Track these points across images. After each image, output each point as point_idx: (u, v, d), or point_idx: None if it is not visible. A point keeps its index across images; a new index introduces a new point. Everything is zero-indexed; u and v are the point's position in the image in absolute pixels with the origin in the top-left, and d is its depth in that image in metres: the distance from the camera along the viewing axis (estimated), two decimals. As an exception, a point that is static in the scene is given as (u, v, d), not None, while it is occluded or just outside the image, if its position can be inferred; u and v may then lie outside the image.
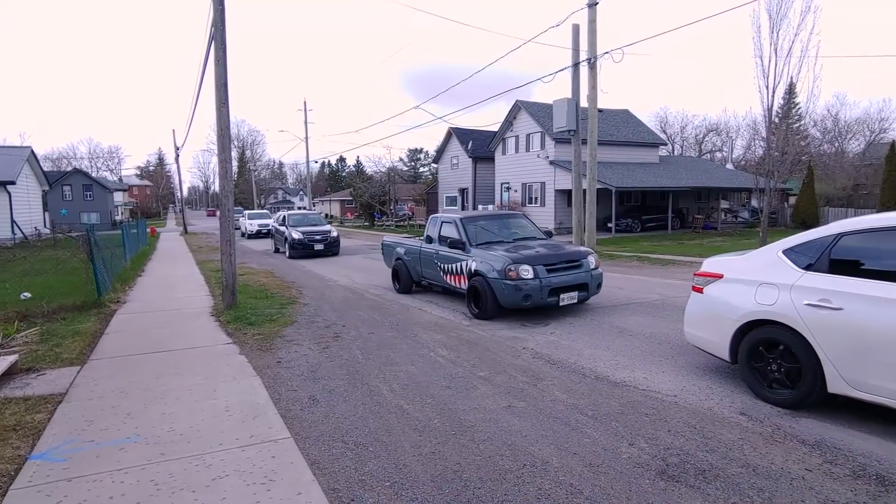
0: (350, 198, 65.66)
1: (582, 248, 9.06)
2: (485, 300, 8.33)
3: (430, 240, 10.34)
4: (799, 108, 33.24)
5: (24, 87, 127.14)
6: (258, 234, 31.37)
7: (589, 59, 14.05)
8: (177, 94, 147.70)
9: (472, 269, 8.66)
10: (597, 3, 13.64)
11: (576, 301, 8.40)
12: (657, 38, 49.40)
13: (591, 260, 8.78)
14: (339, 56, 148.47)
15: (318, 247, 19.34)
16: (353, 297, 10.87)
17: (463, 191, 37.91)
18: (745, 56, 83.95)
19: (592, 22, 13.80)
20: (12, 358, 6.06)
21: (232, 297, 9.60)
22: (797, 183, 31.28)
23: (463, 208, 37.63)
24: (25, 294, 10.53)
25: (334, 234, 20.30)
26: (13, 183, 26.82)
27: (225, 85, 9.35)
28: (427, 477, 3.61)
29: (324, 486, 3.50)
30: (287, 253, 19.70)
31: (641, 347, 6.61)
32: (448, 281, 9.60)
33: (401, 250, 11.41)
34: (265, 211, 39.32)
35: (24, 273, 13.27)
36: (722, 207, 33.27)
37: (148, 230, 33.67)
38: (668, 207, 27.64)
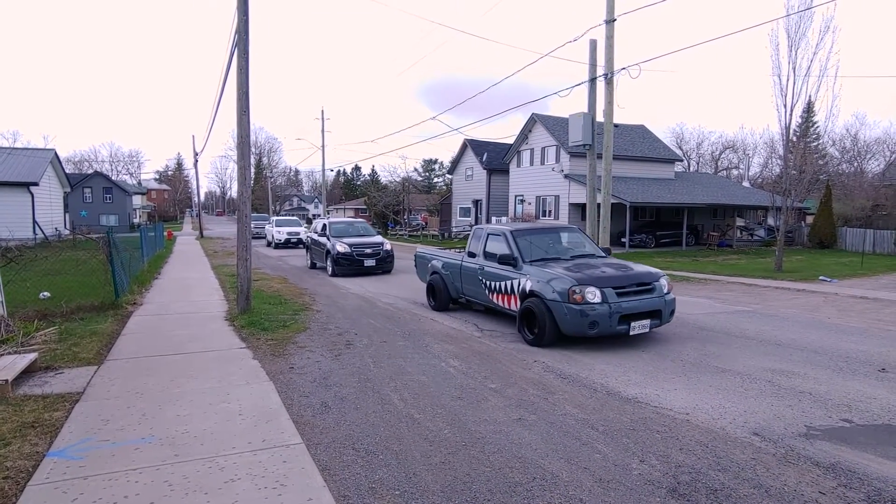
0: (364, 206, 66.11)
1: (653, 270, 7.92)
2: (542, 325, 7.31)
3: (473, 254, 9.43)
4: (817, 127, 32.99)
5: (49, 91, 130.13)
6: (287, 244, 28.50)
7: (606, 75, 14.09)
8: (197, 100, 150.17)
9: (527, 288, 7.71)
10: (615, 20, 13.70)
11: (647, 330, 7.40)
12: (674, 55, 49.37)
13: (664, 283, 7.72)
14: (357, 65, 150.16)
15: (369, 262, 16.07)
16: (366, 305, 10.92)
17: (477, 202, 37.98)
18: (762, 73, 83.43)
19: (610, 38, 13.86)
20: (32, 356, 6.19)
21: (246, 303, 9.70)
22: (815, 202, 30.92)
23: (476, 220, 37.67)
24: (45, 294, 10.73)
25: (387, 246, 16.88)
26: (36, 184, 27.38)
27: (246, 93, 9.52)
28: (437, 487, 3.62)
29: (334, 493, 3.53)
30: (329, 269, 16.27)
31: (654, 364, 6.58)
32: (495, 300, 8.69)
33: (437, 264, 10.51)
34: (294, 218, 35.63)
35: (44, 273, 13.51)
36: (738, 225, 32.94)
37: (165, 234, 34.10)
38: (682, 223, 27.45)
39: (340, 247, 15.98)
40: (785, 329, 8.65)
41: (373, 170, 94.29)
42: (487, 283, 8.86)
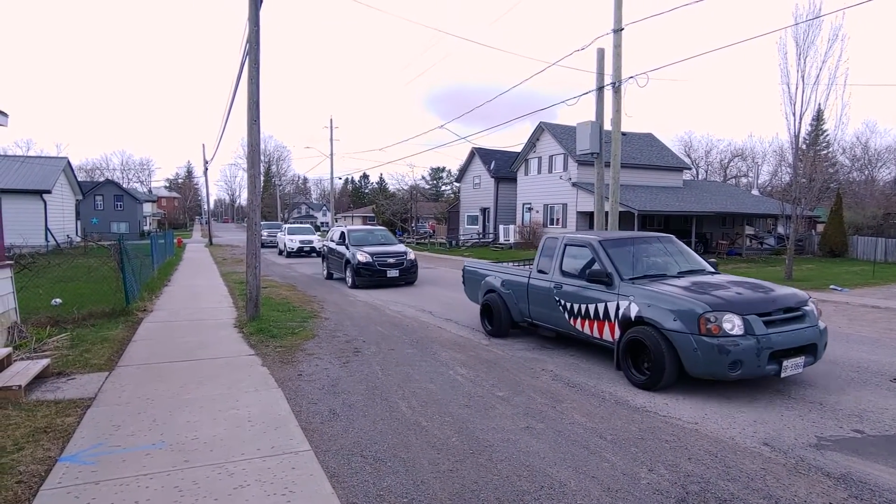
0: (372, 214, 66.43)
1: (798, 291, 6.34)
2: (658, 363, 5.68)
3: (543, 270, 7.88)
4: (827, 135, 32.83)
5: (62, 100, 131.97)
6: (300, 253, 27.37)
7: (613, 84, 14.13)
8: (208, 110, 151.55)
9: (631, 314, 6.12)
10: (622, 29, 13.75)
11: (800, 371, 5.81)
12: (682, 63, 49.33)
13: (813, 308, 6.10)
14: (365, 74, 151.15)
15: (392, 273, 14.89)
16: (374, 313, 10.95)
17: (484, 210, 38.04)
18: (771, 81, 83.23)
19: (618, 47, 13.90)
20: (44, 362, 6.26)
21: (255, 310, 9.76)
22: (825, 211, 30.71)
23: (484, 228, 37.71)
24: (57, 300, 10.84)
25: (411, 256, 15.71)
26: (49, 192, 27.74)
27: (257, 103, 9.63)
28: (444, 494, 3.63)
29: (343, 500, 3.55)
30: (349, 280, 15.20)
31: (662, 373, 6.54)
32: (578, 327, 7.06)
33: (495, 281, 8.89)
34: (307, 225, 34.23)
35: (56, 280, 13.67)
36: (747, 233, 32.75)
37: (175, 241, 34.36)
38: (691, 232, 27.33)
39: (361, 256, 14.86)
40: (795, 338, 8.58)
41: (381, 178, 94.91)
42: (567, 305, 7.23)
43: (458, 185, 44.84)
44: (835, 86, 15.89)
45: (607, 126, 14.72)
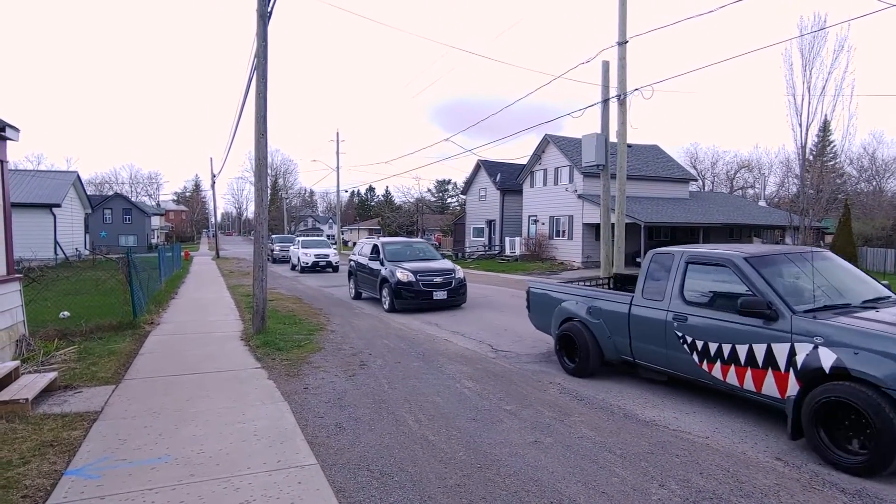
0: (378, 226, 66.59)
1: None
2: (877, 437, 3.95)
3: (652, 297, 6.20)
4: (834, 146, 32.72)
5: (72, 115, 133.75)
6: (314, 268, 25.36)
7: (619, 96, 14.17)
8: (216, 123, 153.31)
9: (823, 363, 4.37)
10: (627, 42, 13.82)
11: None
12: (688, 74, 49.51)
13: None
14: (371, 88, 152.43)
15: (439, 294, 12.60)
16: (380, 325, 10.92)
17: (490, 222, 38.05)
18: (776, 92, 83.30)
19: (622, 59, 13.96)
20: (52, 375, 6.27)
21: (261, 323, 9.76)
22: (833, 222, 30.51)
23: (490, 240, 37.68)
24: (65, 313, 10.89)
25: (460, 274, 13.43)
26: (59, 206, 28.02)
27: (264, 117, 9.71)
28: (452, 510, 3.58)
29: (349, 515, 3.50)
30: (386, 302, 12.91)
31: (671, 386, 6.47)
32: (717, 374, 5.35)
33: (576, 307, 7.22)
34: (322, 238, 31.80)
35: (64, 292, 13.74)
36: (754, 245, 32.58)
37: (182, 254, 34.53)
38: (698, 243, 27.22)
39: (402, 274, 12.66)
40: (806, 351, 8.47)
41: (387, 190, 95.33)
42: (697, 344, 5.54)
43: (463, 197, 44.95)
44: (841, 97, 15.95)
45: (613, 138, 14.73)
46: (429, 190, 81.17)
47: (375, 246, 14.52)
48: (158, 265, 17.86)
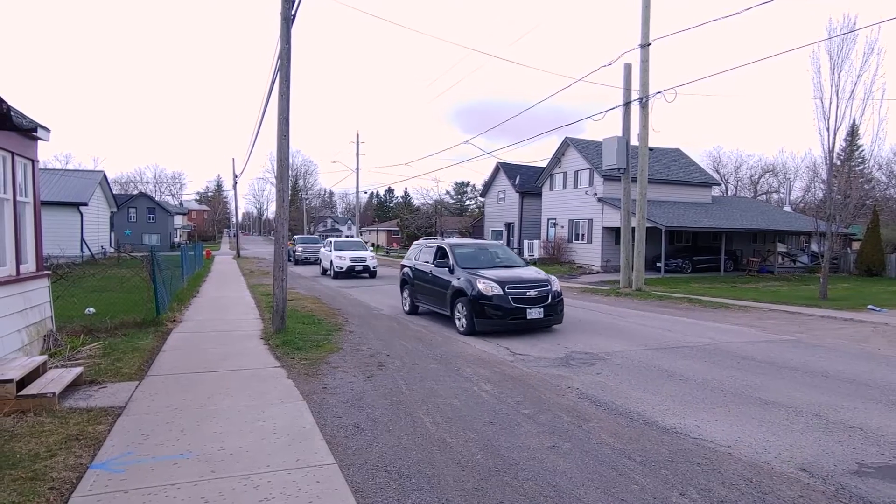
0: (396, 228, 66.82)
1: None
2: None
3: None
4: (862, 151, 32.01)
5: (100, 115, 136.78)
6: (350, 273, 23.13)
7: (641, 99, 14.03)
8: (238, 125, 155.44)
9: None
10: (649, 44, 13.67)
11: None
12: (712, 77, 48.81)
13: None
14: (392, 90, 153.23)
15: (534, 312, 9.86)
16: (398, 327, 10.96)
17: (509, 225, 37.96)
18: (803, 96, 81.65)
19: (645, 62, 13.82)
20: (78, 370, 6.41)
21: (281, 322, 9.85)
22: (861, 228, 29.80)
23: (508, 243, 37.60)
24: (90, 309, 11.13)
25: (556, 286, 10.48)
26: (85, 204, 28.65)
27: (287, 118, 9.81)
28: (470, 513, 3.57)
29: (367, 515, 3.51)
30: (462, 322, 10.23)
31: (692, 393, 6.38)
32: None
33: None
34: (359, 240, 29.52)
35: (90, 289, 14.02)
36: (779, 251, 31.96)
37: (204, 253, 35.05)
38: (720, 248, 26.80)
39: (484, 286, 9.91)
40: (832, 360, 8.30)
41: (405, 192, 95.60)
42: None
43: (482, 199, 44.90)
44: (871, 100, 15.52)
45: (634, 141, 14.59)
46: (447, 192, 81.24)
47: (441, 248, 11.92)
48: (181, 264, 18.16)
